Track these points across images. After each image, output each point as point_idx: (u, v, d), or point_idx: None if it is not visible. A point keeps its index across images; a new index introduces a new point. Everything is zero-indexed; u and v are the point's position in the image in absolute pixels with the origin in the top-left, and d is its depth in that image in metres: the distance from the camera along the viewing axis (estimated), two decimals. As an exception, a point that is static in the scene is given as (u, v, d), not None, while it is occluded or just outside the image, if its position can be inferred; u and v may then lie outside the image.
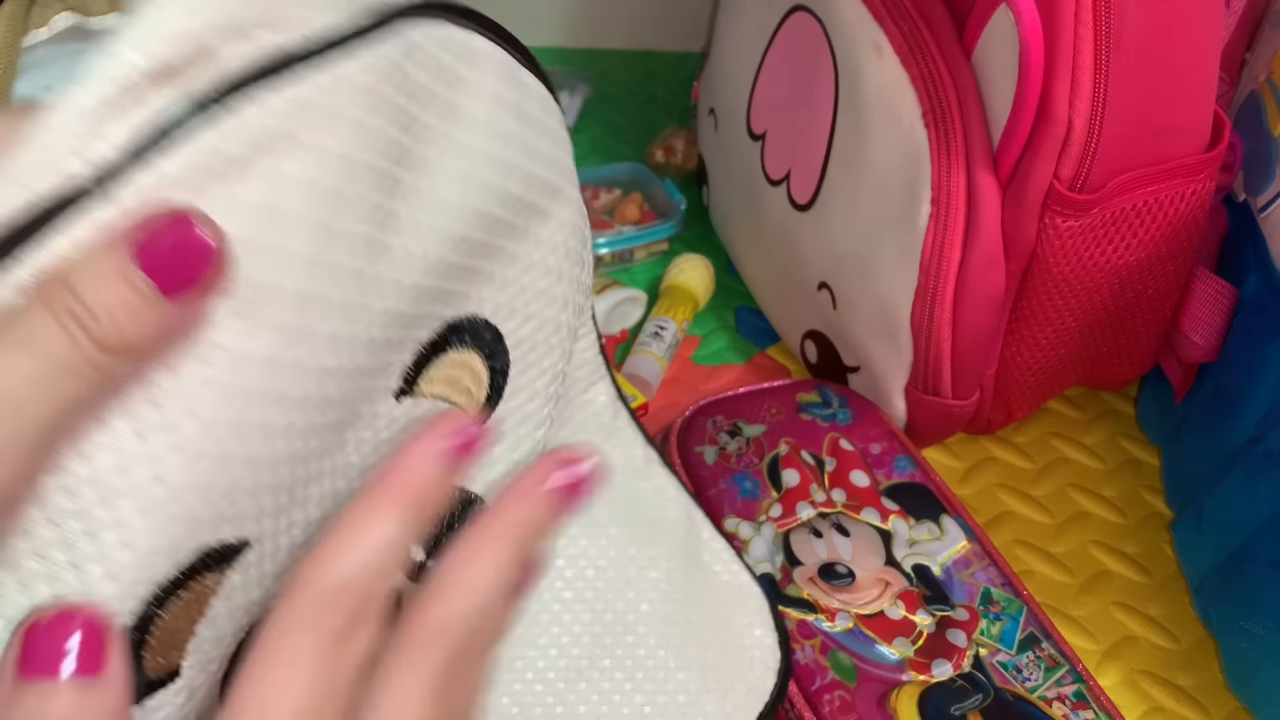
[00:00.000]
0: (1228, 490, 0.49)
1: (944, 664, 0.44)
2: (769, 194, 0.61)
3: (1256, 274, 0.51)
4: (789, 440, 0.52)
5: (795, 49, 0.58)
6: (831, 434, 0.53)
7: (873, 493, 0.50)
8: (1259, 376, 0.48)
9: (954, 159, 0.48)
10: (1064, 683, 0.44)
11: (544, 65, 0.35)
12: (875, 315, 0.54)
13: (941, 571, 0.47)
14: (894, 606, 0.46)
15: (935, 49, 0.49)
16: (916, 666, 0.44)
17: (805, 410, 0.54)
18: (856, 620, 0.45)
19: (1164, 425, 0.60)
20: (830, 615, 0.46)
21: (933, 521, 0.49)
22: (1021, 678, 0.44)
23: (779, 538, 0.48)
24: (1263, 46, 0.56)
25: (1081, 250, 0.50)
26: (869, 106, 0.51)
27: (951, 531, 0.49)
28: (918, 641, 0.45)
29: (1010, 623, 0.46)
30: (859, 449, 0.52)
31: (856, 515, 0.49)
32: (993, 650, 0.45)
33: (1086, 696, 0.44)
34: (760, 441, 0.52)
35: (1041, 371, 0.56)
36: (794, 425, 0.53)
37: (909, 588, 0.47)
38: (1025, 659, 0.44)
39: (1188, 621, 0.54)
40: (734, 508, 0.50)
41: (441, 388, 0.33)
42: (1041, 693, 0.43)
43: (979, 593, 0.47)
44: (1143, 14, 0.44)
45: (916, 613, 0.46)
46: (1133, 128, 0.47)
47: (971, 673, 0.44)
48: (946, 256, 0.49)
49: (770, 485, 0.51)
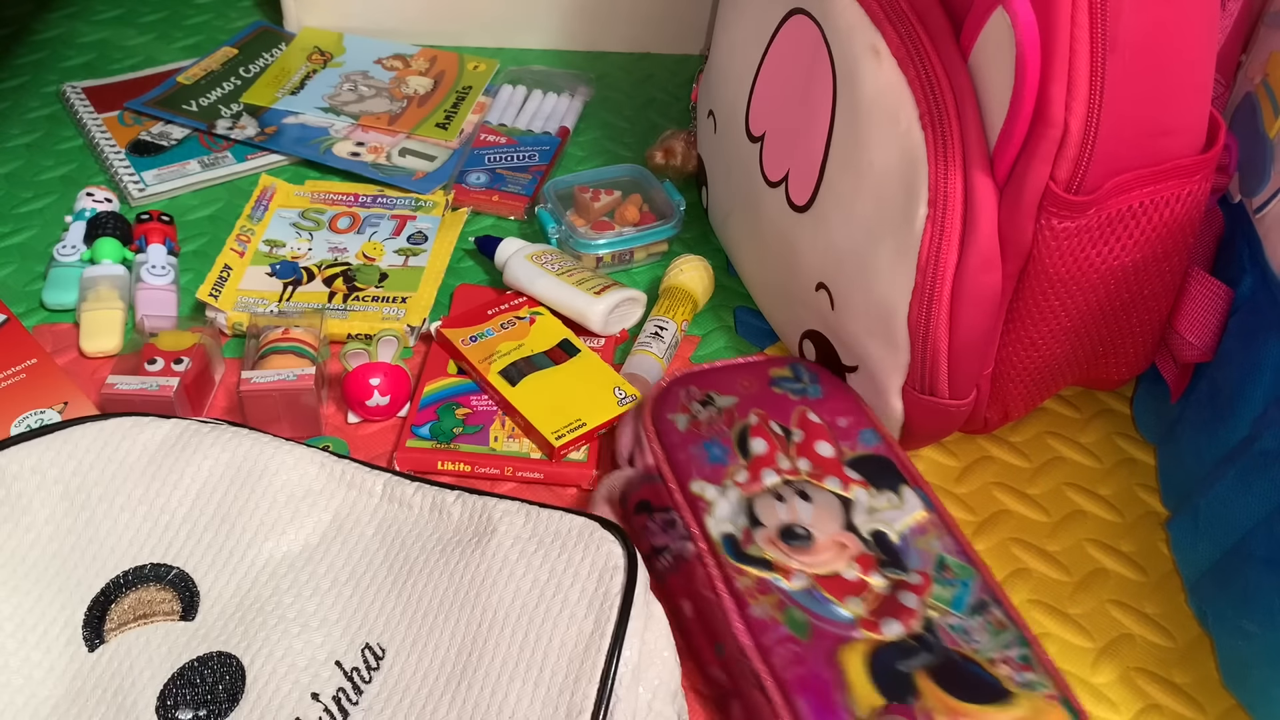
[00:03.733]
0: (1223, 489, 0.49)
1: (894, 624, 0.46)
2: (768, 195, 0.62)
3: (1252, 274, 0.51)
4: (759, 411, 0.54)
5: (793, 52, 0.58)
6: (801, 407, 0.55)
7: (836, 463, 0.52)
8: (1254, 376, 0.49)
9: (951, 160, 0.49)
10: (1010, 646, 0.45)
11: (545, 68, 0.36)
12: (873, 315, 0.54)
13: (899, 538, 0.49)
14: (849, 568, 0.48)
15: (932, 51, 0.50)
16: (868, 625, 0.46)
17: (777, 384, 0.56)
18: (813, 580, 0.47)
19: (1160, 424, 0.60)
20: (788, 574, 0.47)
21: (893, 491, 0.51)
22: (970, 640, 0.45)
23: (743, 501, 0.50)
24: (1258, 49, 0.57)
25: (1078, 251, 0.50)
26: (867, 108, 0.52)
27: (910, 501, 0.51)
28: (871, 602, 0.46)
29: (962, 588, 0.47)
30: (826, 422, 0.54)
31: (820, 483, 0.51)
32: (943, 613, 0.46)
33: (1031, 659, 0.45)
34: (731, 411, 0.54)
35: (1038, 371, 0.56)
36: (765, 398, 0.55)
37: (866, 551, 0.48)
38: (975, 623, 0.46)
39: (1183, 619, 0.54)
40: (701, 471, 0.51)
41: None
42: (988, 654, 0.45)
43: (934, 559, 0.48)
44: (1139, 17, 0.45)
45: (871, 574, 0.47)
46: (1129, 130, 0.47)
47: (921, 633, 0.45)
48: (943, 257, 0.50)
49: (738, 452, 0.52)
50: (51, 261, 0.69)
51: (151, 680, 0.43)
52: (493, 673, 0.43)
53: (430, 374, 0.63)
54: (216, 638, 0.44)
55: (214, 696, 0.42)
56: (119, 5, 0.97)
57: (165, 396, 0.57)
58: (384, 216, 0.75)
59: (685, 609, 0.50)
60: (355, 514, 0.49)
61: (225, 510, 0.48)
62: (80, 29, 0.94)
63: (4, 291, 0.69)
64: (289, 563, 0.47)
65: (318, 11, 0.93)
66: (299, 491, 0.49)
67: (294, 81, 0.87)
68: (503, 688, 0.42)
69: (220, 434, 0.50)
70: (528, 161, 0.80)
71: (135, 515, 0.47)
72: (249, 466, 0.49)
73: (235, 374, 0.64)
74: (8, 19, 0.94)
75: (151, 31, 0.94)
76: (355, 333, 0.66)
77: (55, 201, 0.76)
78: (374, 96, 0.86)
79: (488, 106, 0.86)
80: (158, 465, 0.49)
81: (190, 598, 0.45)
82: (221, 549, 0.47)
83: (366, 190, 0.77)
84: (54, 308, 0.68)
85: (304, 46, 0.91)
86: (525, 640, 0.44)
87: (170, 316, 0.66)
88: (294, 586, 0.46)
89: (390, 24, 0.93)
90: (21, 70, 0.89)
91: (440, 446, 0.59)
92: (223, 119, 0.83)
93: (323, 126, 0.83)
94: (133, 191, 0.76)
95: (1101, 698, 0.51)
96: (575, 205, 0.74)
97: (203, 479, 0.48)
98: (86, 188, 0.73)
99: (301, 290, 0.68)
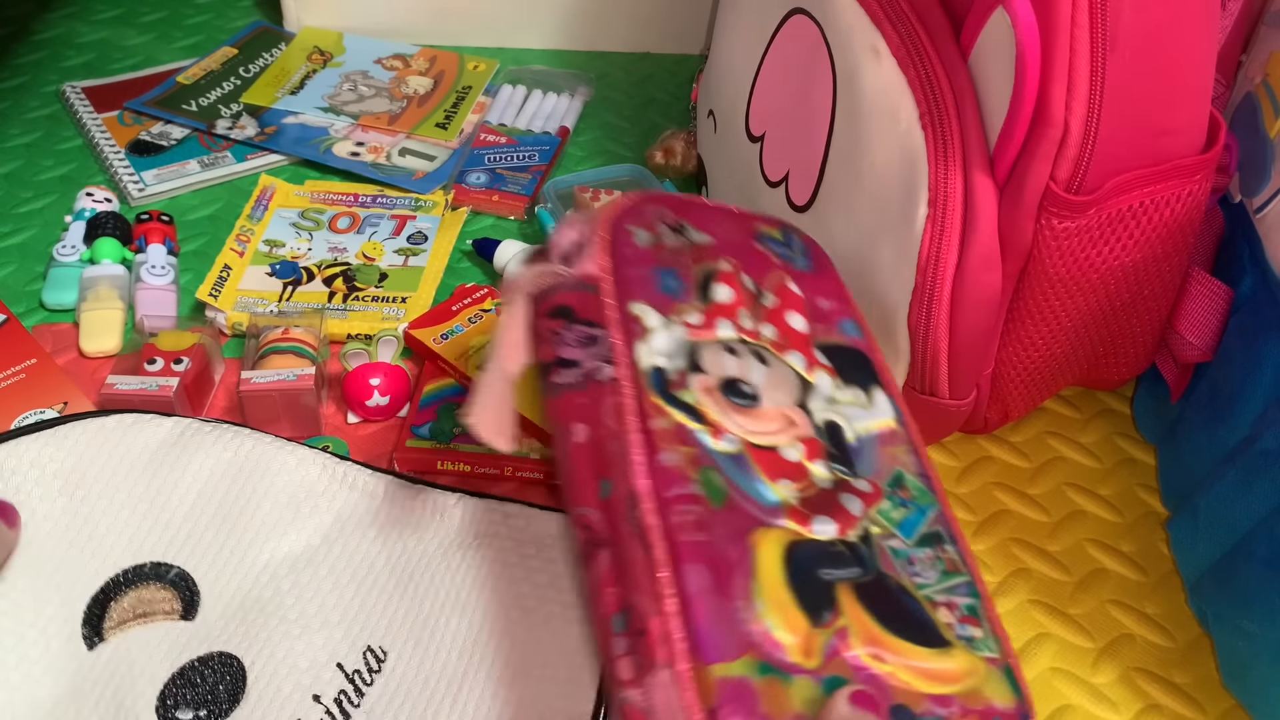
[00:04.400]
0: (1223, 489, 0.49)
1: (829, 524, 0.38)
2: (768, 195, 0.62)
3: (1252, 274, 0.51)
4: (733, 260, 0.46)
5: (794, 51, 0.58)
6: (782, 272, 0.47)
7: (806, 340, 0.44)
8: (1254, 376, 0.49)
9: (951, 160, 0.49)
10: (958, 592, 0.39)
11: (545, 68, 0.35)
12: (873, 315, 0.54)
13: (856, 439, 0.42)
14: (792, 447, 0.40)
15: (932, 51, 0.50)
16: (796, 515, 0.38)
17: (762, 240, 0.48)
18: (745, 448, 0.39)
19: (1160, 424, 0.60)
20: (718, 433, 0.40)
21: (862, 389, 0.44)
22: (912, 571, 0.39)
23: (687, 344, 0.43)
24: (1258, 48, 0.57)
25: (1078, 251, 0.50)
26: (867, 108, 0.52)
27: (881, 406, 0.44)
28: (806, 491, 0.39)
29: (917, 514, 0.41)
30: (806, 297, 0.46)
31: (781, 355, 0.43)
32: (888, 534, 0.39)
33: (979, 613, 0.39)
34: (703, 249, 0.46)
35: (1038, 371, 0.56)
36: (745, 250, 0.47)
37: (814, 437, 0.41)
38: (923, 554, 0.39)
39: (1184, 619, 0.54)
40: (647, 296, 0.43)
41: None
42: (930, 593, 0.38)
43: (891, 473, 0.41)
44: (1139, 16, 0.45)
45: (815, 462, 0.40)
46: (1129, 129, 0.47)
47: (856, 544, 0.38)
48: (943, 257, 0.50)
49: (697, 293, 0.45)
50: (51, 261, 0.69)
51: (151, 680, 0.43)
52: (494, 675, 0.43)
53: (430, 374, 0.63)
54: (217, 637, 0.44)
55: (215, 697, 0.42)
56: (119, 5, 0.97)
57: (165, 396, 0.57)
58: (384, 216, 0.75)
59: (578, 433, 0.41)
60: (356, 516, 0.49)
61: (226, 510, 0.48)
62: (80, 29, 0.94)
63: (3, 291, 0.69)
64: (290, 564, 0.47)
65: (317, 11, 0.93)
66: (300, 493, 0.49)
67: (294, 81, 0.87)
68: (504, 690, 0.42)
69: (222, 434, 0.50)
70: (528, 161, 0.80)
71: (135, 513, 0.47)
72: (250, 466, 0.49)
73: (235, 374, 0.64)
74: (7, 19, 0.94)
75: (151, 31, 0.94)
76: (355, 333, 0.66)
77: (55, 201, 0.76)
78: (374, 96, 0.86)
79: (488, 106, 0.86)
80: (159, 463, 0.49)
81: (190, 597, 0.45)
82: (222, 548, 0.47)
83: (366, 190, 0.77)
84: (53, 308, 0.68)
85: (304, 46, 0.91)
86: (526, 642, 0.44)
87: (170, 316, 0.66)
88: (295, 588, 0.46)
89: (390, 24, 0.93)
90: (21, 70, 0.89)
91: (440, 446, 0.59)
92: (222, 119, 0.83)
93: (322, 126, 0.83)
94: (132, 191, 0.76)
95: (1102, 698, 0.51)
96: (575, 205, 0.74)
97: (204, 478, 0.48)
98: (86, 188, 0.73)
99: (301, 290, 0.68)
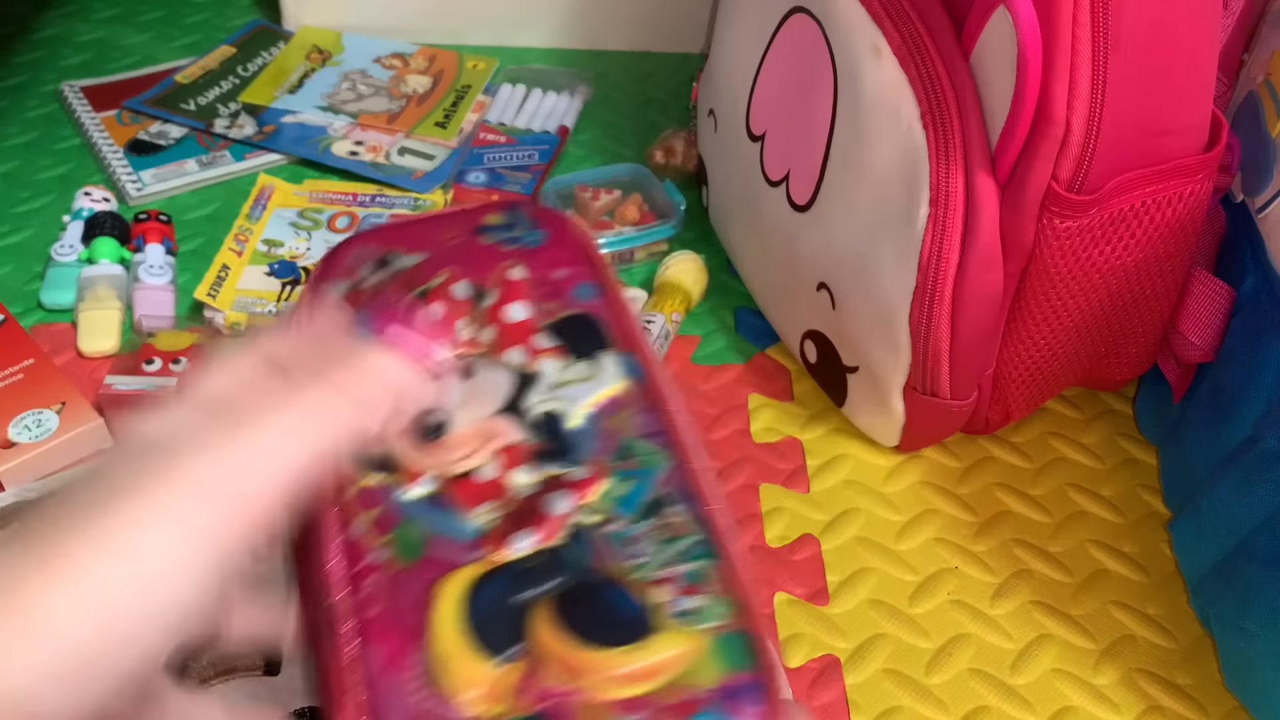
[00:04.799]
0: (1225, 489, 0.49)
1: (527, 537, 0.34)
2: (768, 195, 0.61)
3: (1254, 274, 0.51)
4: (453, 269, 0.42)
5: (794, 50, 0.58)
6: (506, 261, 0.43)
7: (527, 329, 0.41)
8: (1256, 376, 0.48)
9: (952, 160, 0.49)
10: (684, 559, 0.34)
11: (544, 66, 0.35)
12: (874, 315, 0.54)
13: (583, 420, 0.38)
14: (490, 465, 0.37)
15: (934, 50, 0.49)
16: (492, 542, 0.34)
17: (485, 233, 0.44)
18: (442, 483, 0.36)
19: (1162, 425, 0.60)
20: (414, 478, 0.36)
21: (590, 360, 0.40)
22: (629, 553, 0.34)
23: None
24: (1261, 48, 0.57)
25: (1079, 251, 0.50)
26: (868, 107, 0.52)
27: (609, 371, 0.39)
28: (508, 508, 0.36)
29: (640, 482, 0.36)
30: (535, 277, 0.43)
31: (498, 356, 0.40)
32: (606, 519, 0.35)
33: (705, 577, 0.34)
34: (412, 273, 0.42)
35: (1040, 371, 0.56)
36: (467, 252, 0.43)
37: (521, 441, 0.37)
38: (644, 528, 0.35)
39: (1186, 620, 0.54)
40: None
41: None
42: (647, 573, 0.34)
43: (616, 446, 0.37)
44: (1141, 15, 0.45)
45: (514, 472, 0.36)
46: (1131, 129, 0.47)
47: (560, 549, 0.34)
48: (945, 257, 0.49)
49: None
50: (49, 261, 0.69)
51: None
52: None
53: (429, 374, 0.63)
54: None
55: None
56: (117, 4, 0.97)
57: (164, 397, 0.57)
58: (383, 216, 0.74)
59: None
60: None
61: None
62: (78, 28, 0.94)
63: (1, 291, 0.69)
64: None
65: (316, 10, 0.93)
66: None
67: (292, 80, 0.87)
68: None
69: None
70: (527, 160, 0.80)
71: None
72: None
73: (234, 374, 0.63)
74: (6, 18, 0.94)
75: (150, 31, 0.94)
76: (354, 333, 0.66)
77: (53, 201, 0.76)
78: (373, 95, 0.86)
79: (487, 105, 0.85)
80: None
81: None
82: None
83: (365, 189, 0.77)
84: (51, 308, 0.68)
85: (302, 45, 0.91)
86: None
87: (168, 316, 0.66)
88: None
89: (389, 22, 0.93)
90: (19, 69, 0.88)
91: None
92: (221, 118, 0.82)
93: (321, 125, 0.82)
94: (130, 191, 0.76)
95: (1103, 699, 0.51)
96: (575, 204, 0.74)
97: None
98: (84, 187, 0.73)
99: (300, 290, 0.68)
